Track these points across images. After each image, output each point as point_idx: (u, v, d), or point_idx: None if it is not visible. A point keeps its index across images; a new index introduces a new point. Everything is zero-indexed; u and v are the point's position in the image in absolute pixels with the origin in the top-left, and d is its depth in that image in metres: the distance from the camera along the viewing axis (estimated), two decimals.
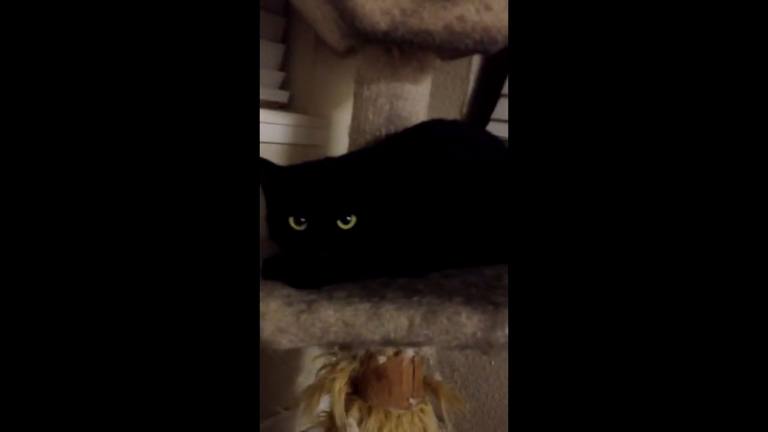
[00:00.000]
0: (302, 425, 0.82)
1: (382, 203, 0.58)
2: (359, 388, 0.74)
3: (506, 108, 0.90)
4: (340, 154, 0.68)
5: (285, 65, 1.06)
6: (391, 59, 0.70)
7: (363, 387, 0.73)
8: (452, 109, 1.07)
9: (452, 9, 0.61)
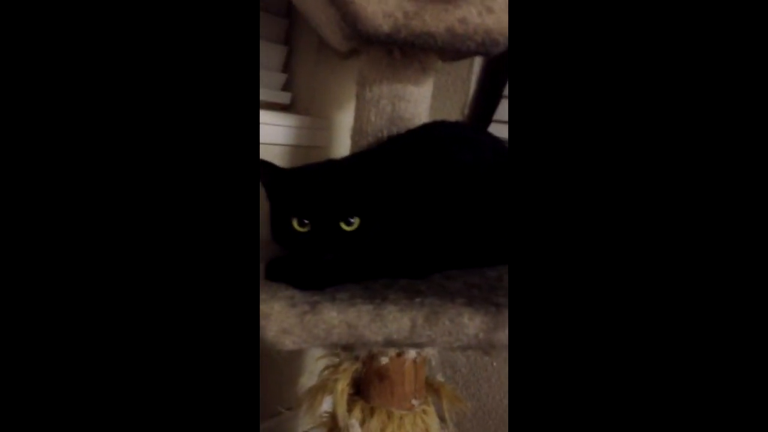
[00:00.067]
0: (305, 426, 0.82)
1: (385, 205, 0.58)
2: (362, 389, 0.74)
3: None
4: (343, 156, 0.68)
5: (287, 67, 1.06)
6: (393, 61, 0.71)
7: (365, 388, 0.73)
8: (454, 111, 1.07)
9: (454, 11, 0.61)
